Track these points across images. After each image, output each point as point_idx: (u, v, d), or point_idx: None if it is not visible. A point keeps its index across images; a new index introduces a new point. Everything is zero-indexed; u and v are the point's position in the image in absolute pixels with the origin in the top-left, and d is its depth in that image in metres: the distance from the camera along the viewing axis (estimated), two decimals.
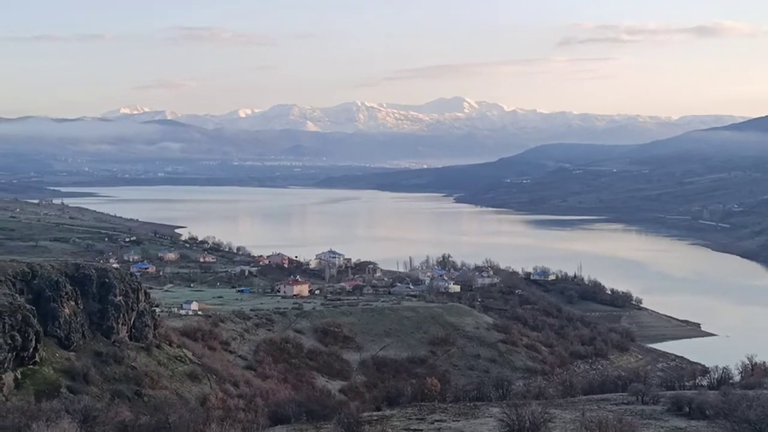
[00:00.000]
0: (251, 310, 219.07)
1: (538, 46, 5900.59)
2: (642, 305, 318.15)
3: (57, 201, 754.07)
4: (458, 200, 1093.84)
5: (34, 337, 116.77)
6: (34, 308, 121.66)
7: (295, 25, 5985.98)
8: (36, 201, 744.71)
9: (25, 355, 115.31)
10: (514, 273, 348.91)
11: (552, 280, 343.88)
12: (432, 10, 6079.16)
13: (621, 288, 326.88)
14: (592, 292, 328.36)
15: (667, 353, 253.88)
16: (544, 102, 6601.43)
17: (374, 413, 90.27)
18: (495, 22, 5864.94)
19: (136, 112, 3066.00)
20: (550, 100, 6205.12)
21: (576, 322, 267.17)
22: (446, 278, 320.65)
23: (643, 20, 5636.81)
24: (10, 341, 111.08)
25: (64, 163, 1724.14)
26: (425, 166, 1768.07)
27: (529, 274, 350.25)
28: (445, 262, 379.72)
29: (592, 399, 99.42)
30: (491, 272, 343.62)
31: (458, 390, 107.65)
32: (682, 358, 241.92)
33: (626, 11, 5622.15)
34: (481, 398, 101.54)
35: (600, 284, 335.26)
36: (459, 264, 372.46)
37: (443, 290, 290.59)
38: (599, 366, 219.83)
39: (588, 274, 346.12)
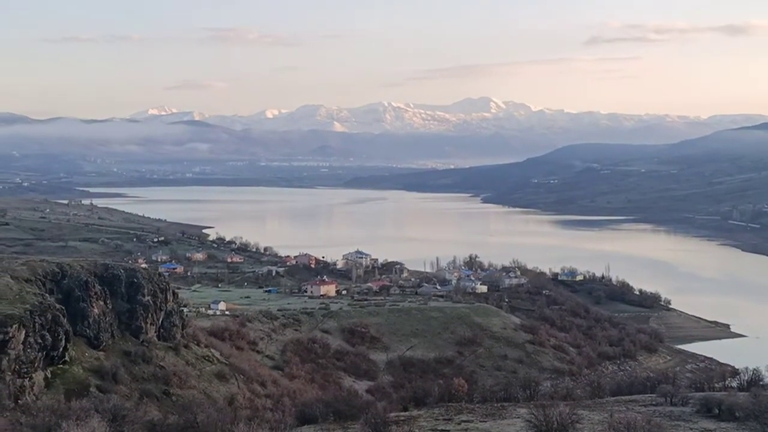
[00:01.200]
0: (278, 310, 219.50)
1: (564, 45, 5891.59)
2: (671, 306, 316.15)
3: (86, 201, 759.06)
4: (485, 200, 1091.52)
5: (64, 337, 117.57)
6: (63, 308, 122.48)
7: (321, 26, 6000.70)
8: (65, 201, 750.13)
9: (55, 354, 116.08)
10: (542, 273, 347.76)
11: (580, 280, 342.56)
12: (459, 9, 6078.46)
13: (649, 288, 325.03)
14: (620, 293, 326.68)
15: (697, 354, 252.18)
16: (572, 101, 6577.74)
17: (401, 413, 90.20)
18: (522, 22, 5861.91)
19: (164, 113, 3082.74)
20: (577, 100, 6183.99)
21: (604, 322, 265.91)
22: (473, 278, 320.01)
23: (671, 19, 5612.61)
24: (40, 340, 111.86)
25: (93, 164, 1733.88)
26: (452, 167, 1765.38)
27: (556, 274, 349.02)
28: (472, 263, 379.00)
29: (620, 400, 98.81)
30: (518, 272, 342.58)
31: (485, 390, 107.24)
32: (711, 359, 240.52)
33: (653, 10, 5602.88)
34: (508, 399, 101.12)
35: (628, 285, 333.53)
36: (486, 264, 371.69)
37: (470, 290, 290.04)
38: (627, 367, 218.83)
39: (616, 275, 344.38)
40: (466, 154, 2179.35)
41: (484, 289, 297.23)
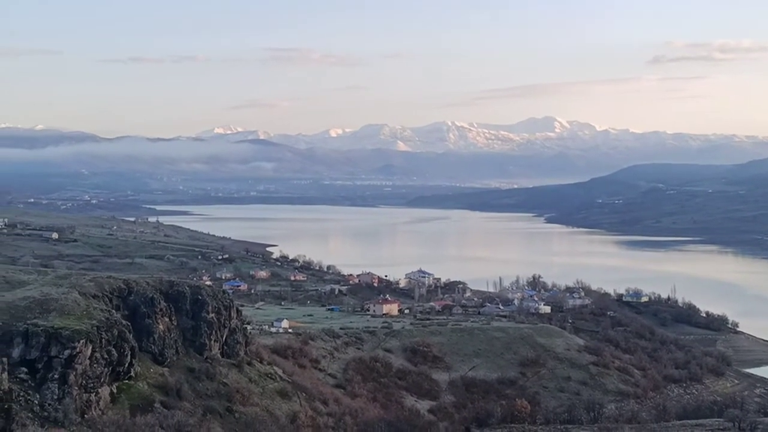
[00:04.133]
0: (341, 328, 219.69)
1: (628, 64, 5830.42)
2: (738, 329, 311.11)
3: (152, 219, 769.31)
4: (549, 220, 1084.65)
5: (130, 353, 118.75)
6: (129, 324, 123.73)
7: (382, 46, 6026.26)
8: (132, 219, 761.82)
9: (121, 370, 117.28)
10: (606, 294, 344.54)
11: (645, 302, 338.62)
12: (522, 29, 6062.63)
13: (716, 311, 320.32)
14: (686, 315, 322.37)
15: (765, 378, 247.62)
16: (637, 121, 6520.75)
17: None
18: (585, 41, 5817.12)
19: (229, 131, 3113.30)
20: (642, 120, 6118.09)
21: (669, 345, 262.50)
22: (536, 299, 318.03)
23: (736, 38, 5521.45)
24: (106, 356, 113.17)
25: (159, 182, 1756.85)
26: (516, 186, 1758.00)
27: (621, 295, 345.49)
28: (535, 283, 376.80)
29: (686, 424, 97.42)
30: (582, 293, 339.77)
31: (549, 412, 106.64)
32: None
33: (718, 29, 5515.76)
34: (572, 421, 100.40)
35: (694, 307, 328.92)
36: (549, 285, 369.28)
37: (533, 311, 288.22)
38: (694, 390, 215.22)
39: (682, 297, 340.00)
40: (530, 174, 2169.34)
41: (547, 309, 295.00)
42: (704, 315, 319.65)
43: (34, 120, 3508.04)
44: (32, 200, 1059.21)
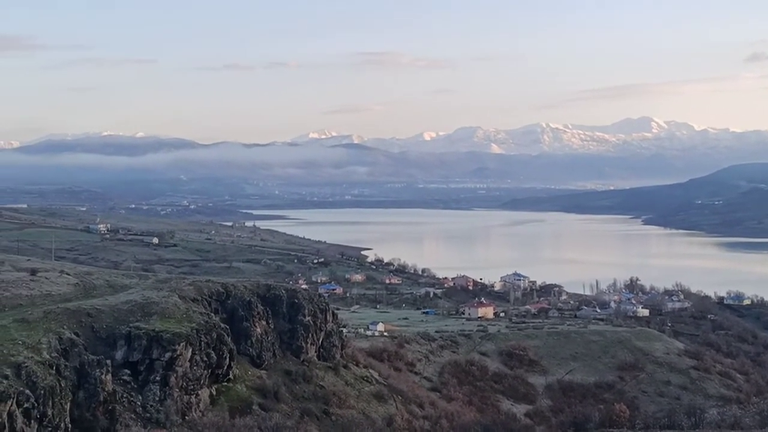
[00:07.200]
0: (436, 331, 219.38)
1: (725, 62, 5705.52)
2: None
3: (249, 223, 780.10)
4: (646, 222, 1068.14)
5: (228, 355, 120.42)
6: (228, 327, 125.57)
7: (472, 48, 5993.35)
8: (230, 223, 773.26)
9: (220, 372, 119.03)
10: (706, 297, 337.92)
11: (747, 305, 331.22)
12: (616, 29, 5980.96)
13: None
14: None
15: None
16: (737, 120, 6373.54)
17: None
18: (681, 40, 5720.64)
19: (324, 136, 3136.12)
20: (742, 118, 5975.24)
21: None
22: (634, 302, 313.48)
23: None
24: (206, 358, 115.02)
25: (255, 187, 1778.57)
26: (612, 188, 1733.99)
27: (722, 298, 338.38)
28: (633, 286, 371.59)
29: None
30: (681, 296, 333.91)
31: (648, 417, 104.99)
32: None
33: None
34: (672, 426, 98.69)
35: None
36: (647, 287, 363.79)
37: (631, 314, 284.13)
38: None
39: None
40: (626, 175, 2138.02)
41: (645, 312, 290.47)
42: None
43: (135, 128, 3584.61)
44: (133, 206, 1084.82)
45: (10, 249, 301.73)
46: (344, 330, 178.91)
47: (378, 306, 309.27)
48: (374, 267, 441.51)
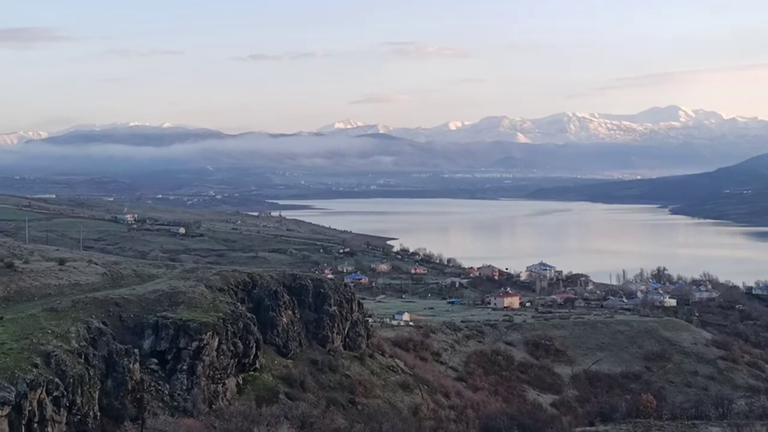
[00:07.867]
0: (462, 321, 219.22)
1: (753, 51, 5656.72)
2: None
3: (275, 213, 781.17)
4: (674, 211, 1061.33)
5: (255, 345, 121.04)
6: (254, 316, 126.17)
7: (498, 38, 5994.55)
8: (256, 213, 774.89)
9: (246, 361, 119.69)
10: (734, 287, 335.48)
11: None
12: (642, 17, 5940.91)
13: None
14: None
15: None
16: (766, 108, 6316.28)
17: (587, 428, 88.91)
18: (709, 28, 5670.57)
19: (349, 126, 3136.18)
20: None
21: None
22: (661, 292, 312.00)
23: None
24: (232, 348, 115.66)
25: (281, 177, 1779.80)
26: (639, 177, 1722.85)
27: (750, 288, 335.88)
28: (660, 275, 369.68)
29: None
30: (709, 286, 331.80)
31: (675, 407, 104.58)
32: None
33: None
34: (699, 416, 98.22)
35: None
36: (675, 277, 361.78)
37: (658, 304, 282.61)
38: None
39: None
40: (654, 164, 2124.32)
41: (672, 302, 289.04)
42: None
43: (162, 118, 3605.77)
44: (160, 196, 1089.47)
45: (39, 239, 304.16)
46: (370, 320, 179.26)
47: (403, 296, 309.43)
48: (400, 257, 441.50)
